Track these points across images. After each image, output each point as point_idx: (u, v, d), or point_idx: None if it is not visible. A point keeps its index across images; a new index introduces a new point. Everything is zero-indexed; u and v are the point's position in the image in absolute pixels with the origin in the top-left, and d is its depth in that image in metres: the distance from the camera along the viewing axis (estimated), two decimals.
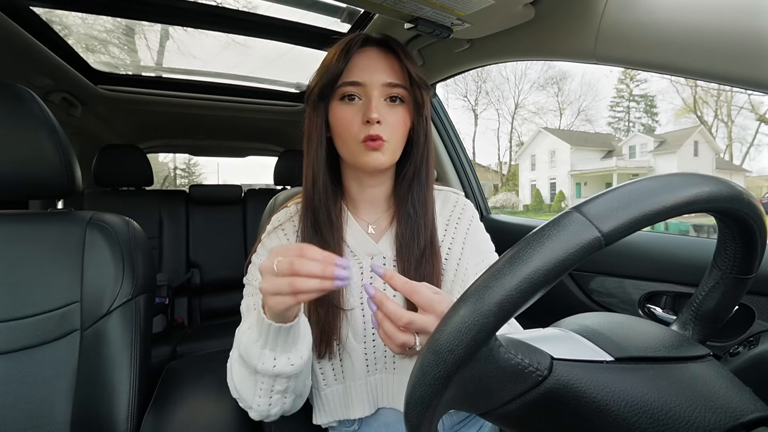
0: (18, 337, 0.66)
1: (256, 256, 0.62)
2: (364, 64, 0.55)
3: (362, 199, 0.63)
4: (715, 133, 22.06)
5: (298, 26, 1.16)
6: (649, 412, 0.27)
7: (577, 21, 0.65)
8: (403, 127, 0.57)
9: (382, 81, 0.55)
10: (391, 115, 0.55)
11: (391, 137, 0.55)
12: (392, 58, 0.56)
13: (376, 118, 0.53)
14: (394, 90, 0.56)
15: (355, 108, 0.55)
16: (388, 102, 0.56)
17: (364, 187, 0.62)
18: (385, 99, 0.56)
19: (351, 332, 0.59)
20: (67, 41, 1.24)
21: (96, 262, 0.72)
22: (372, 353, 0.60)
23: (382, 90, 0.55)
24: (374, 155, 0.55)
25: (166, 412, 0.69)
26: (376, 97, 0.54)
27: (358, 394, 0.60)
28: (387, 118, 0.55)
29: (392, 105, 0.56)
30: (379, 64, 0.55)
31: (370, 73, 0.55)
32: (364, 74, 0.55)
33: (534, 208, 20.85)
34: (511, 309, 0.24)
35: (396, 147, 0.57)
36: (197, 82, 1.64)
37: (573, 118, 30.00)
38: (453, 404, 0.30)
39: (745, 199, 0.29)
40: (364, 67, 0.55)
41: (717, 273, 0.36)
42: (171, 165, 20.30)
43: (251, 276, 0.60)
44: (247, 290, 0.61)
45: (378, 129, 0.54)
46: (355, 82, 0.55)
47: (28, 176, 0.70)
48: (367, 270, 0.61)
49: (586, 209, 0.26)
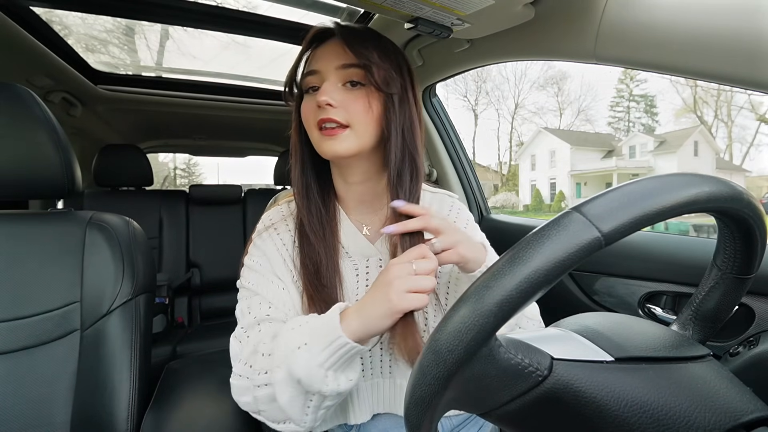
0: (18, 337, 0.66)
1: (248, 258, 0.60)
2: (321, 53, 0.56)
3: (351, 197, 0.62)
4: (715, 133, 22.10)
5: (298, 26, 1.16)
6: (649, 412, 0.27)
7: (577, 21, 0.65)
8: (365, 111, 0.54)
9: (336, 64, 0.54)
10: (349, 100, 0.53)
11: (353, 121, 0.53)
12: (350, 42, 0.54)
13: (325, 101, 0.52)
14: (349, 72, 0.54)
15: (313, 97, 0.55)
16: (348, 87, 0.55)
17: (349, 184, 0.60)
18: (344, 84, 0.54)
19: None
20: (67, 41, 1.24)
21: (96, 262, 0.72)
22: (368, 357, 0.59)
23: (337, 74, 0.54)
24: (329, 142, 0.54)
25: (166, 412, 0.69)
26: (330, 82, 0.54)
27: (354, 399, 0.59)
28: (345, 103, 0.53)
29: (351, 89, 0.54)
30: (336, 50, 0.55)
31: (326, 59, 0.55)
32: (319, 62, 0.55)
33: (534, 208, 20.85)
34: (511, 309, 0.24)
35: (362, 133, 0.54)
36: (197, 82, 1.64)
37: (573, 118, 30.05)
38: (453, 404, 0.30)
39: (745, 199, 0.29)
40: (320, 56, 0.56)
41: (717, 273, 0.36)
42: (171, 165, 20.33)
43: (245, 279, 0.59)
44: (241, 294, 0.59)
45: (332, 112, 0.52)
46: (311, 71, 0.55)
47: (28, 176, 0.70)
48: (362, 271, 0.60)
49: (586, 209, 0.26)
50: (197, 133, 2.16)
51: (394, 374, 0.60)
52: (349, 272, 0.60)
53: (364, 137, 0.55)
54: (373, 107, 0.54)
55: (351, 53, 0.53)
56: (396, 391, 0.60)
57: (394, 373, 0.60)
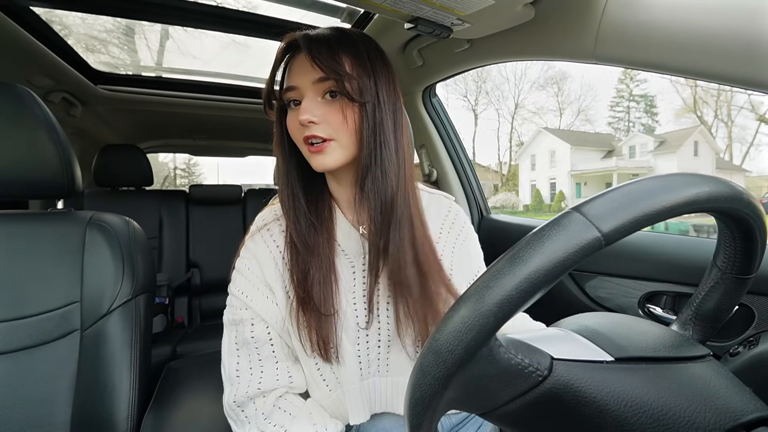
0: (18, 337, 0.66)
1: (240, 261, 0.59)
2: (295, 67, 0.55)
3: (345, 198, 0.61)
4: (715, 133, 22.06)
5: (298, 26, 1.15)
6: (649, 412, 0.27)
7: (577, 21, 0.65)
8: (344, 122, 0.53)
9: (311, 78, 0.53)
10: (329, 113, 0.53)
11: (336, 134, 0.53)
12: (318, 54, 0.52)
13: (306, 119, 0.51)
14: (325, 84, 0.52)
15: (297, 112, 0.54)
16: (327, 98, 0.54)
17: (342, 186, 0.60)
18: (324, 96, 0.54)
19: (345, 335, 0.57)
20: (67, 41, 1.24)
21: (96, 262, 0.72)
22: (365, 356, 0.59)
23: (314, 88, 0.53)
24: (318, 157, 0.53)
25: (166, 412, 0.69)
26: (309, 98, 0.53)
27: (352, 399, 0.58)
28: (326, 116, 0.53)
29: (331, 101, 0.53)
30: (307, 64, 0.53)
31: (300, 74, 0.54)
32: (295, 77, 0.54)
33: (534, 208, 20.84)
34: (511, 309, 0.24)
35: (346, 144, 0.54)
36: (197, 82, 1.64)
37: (573, 118, 30.01)
38: (453, 404, 0.30)
39: (745, 199, 0.29)
40: (295, 70, 0.54)
41: (717, 273, 0.36)
42: (171, 165, 20.31)
43: (234, 284, 0.58)
44: (230, 301, 0.58)
45: (315, 129, 0.52)
46: (290, 87, 0.54)
47: (28, 176, 0.70)
48: (359, 269, 0.60)
49: (586, 209, 0.26)
50: (197, 133, 2.16)
51: (392, 372, 0.60)
52: (346, 270, 0.60)
53: (349, 148, 0.54)
54: (348, 118, 0.53)
55: (318, 68, 0.51)
56: (394, 390, 0.60)
57: (391, 371, 0.60)
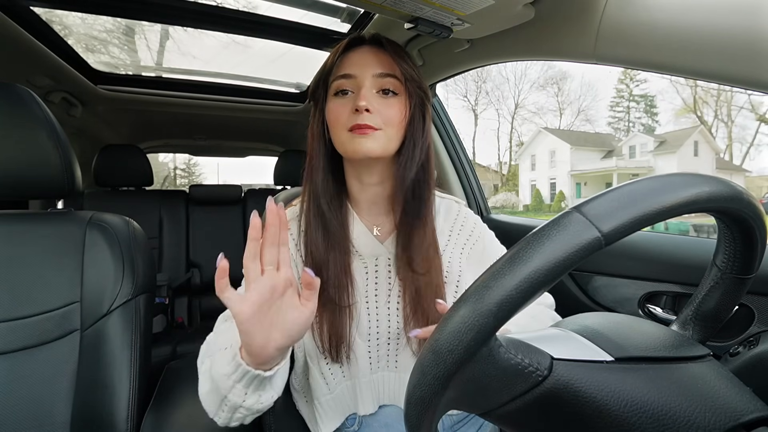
0: (18, 337, 0.66)
1: None
2: (356, 59, 0.57)
3: (364, 198, 0.62)
4: (715, 133, 22.05)
5: (298, 26, 1.16)
6: (649, 412, 0.27)
7: (577, 21, 0.65)
8: (398, 119, 0.56)
9: (373, 72, 0.55)
10: (384, 107, 0.55)
11: (385, 127, 0.55)
12: (384, 53, 0.57)
13: (364, 106, 0.53)
14: (385, 81, 0.56)
15: (346, 100, 0.56)
16: (381, 94, 0.56)
17: (365, 185, 0.61)
18: (378, 91, 0.56)
19: (357, 331, 0.59)
20: (67, 41, 1.23)
21: (96, 262, 0.72)
22: (375, 351, 0.61)
23: (374, 81, 0.56)
24: (361, 140, 0.54)
25: (166, 412, 0.69)
26: (366, 87, 0.55)
27: (362, 391, 0.60)
28: (380, 109, 0.55)
29: (385, 97, 0.56)
30: (371, 58, 0.56)
31: (362, 66, 0.56)
32: (355, 67, 0.56)
33: (534, 208, 20.83)
34: (511, 309, 0.24)
35: (391, 137, 0.56)
36: (197, 82, 1.64)
37: (573, 118, 30.00)
38: (453, 404, 0.30)
39: (745, 199, 0.29)
40: (355, 62, 0.57)
41: (717, 273, 0.36)
42: (171, 165, 20.32)
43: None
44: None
45: (368, 118, 0.53)
46: (346, 74, 0.56)
47: (28, 176, 0.70)
48: (372, 271, 0.61)
49: (586, 209, 0.26)
50: (197, 133, 2.16)
51: (400, 369, 0.62)
52: (360, 272, 0.61)
53: (392, 141, 0.57)
54: (402, 116, 0.56)
55: (393, 63, 0.56)
56: (401, 385, 0.61)
57: (400, 367, 0.62)
